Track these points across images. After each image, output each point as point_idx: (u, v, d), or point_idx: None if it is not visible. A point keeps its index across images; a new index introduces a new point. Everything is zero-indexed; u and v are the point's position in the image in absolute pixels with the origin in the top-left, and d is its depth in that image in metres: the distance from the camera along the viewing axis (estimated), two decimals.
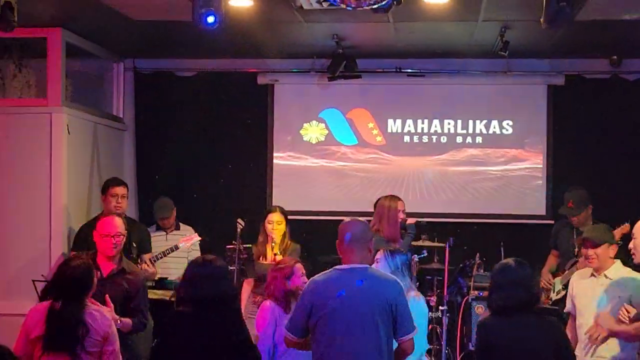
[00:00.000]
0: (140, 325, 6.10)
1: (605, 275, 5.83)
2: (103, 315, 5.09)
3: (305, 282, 5.32)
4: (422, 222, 7.68)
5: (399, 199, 7.56)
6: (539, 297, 4.96)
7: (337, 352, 4.69)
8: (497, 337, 4.83)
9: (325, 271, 4.93)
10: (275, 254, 7.19)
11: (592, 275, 5.92)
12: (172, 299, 7.68)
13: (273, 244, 7.27)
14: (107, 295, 5.69)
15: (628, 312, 5.44)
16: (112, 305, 5.67)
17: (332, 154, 9.50)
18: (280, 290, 5.73)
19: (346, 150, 9.49)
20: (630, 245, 5.55)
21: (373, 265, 5.67)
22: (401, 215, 7.40)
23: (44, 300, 5.25)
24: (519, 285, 4.80)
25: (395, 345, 4.82)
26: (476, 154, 9.37)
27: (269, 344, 5.59)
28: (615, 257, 5.93)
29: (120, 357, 5.16)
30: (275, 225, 7.34)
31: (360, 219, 5.10)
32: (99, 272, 5.64)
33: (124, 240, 6.29)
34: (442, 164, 9.39)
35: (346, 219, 5.00)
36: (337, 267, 4.89)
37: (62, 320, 4.93)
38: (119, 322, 5.66)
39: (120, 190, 7.53)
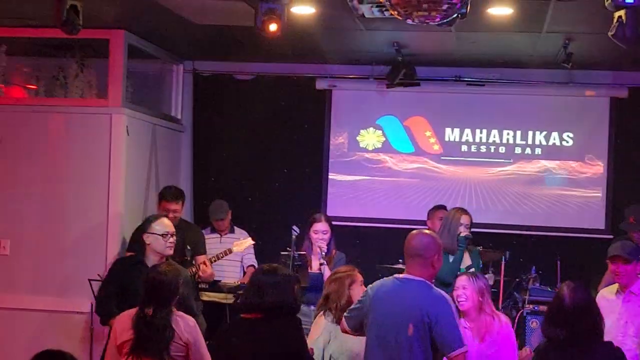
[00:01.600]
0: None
1: (631, 292, 5.73)
2: (186, 322, 5.10)
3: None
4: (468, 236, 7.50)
5: (466, 213, 7.39)
6: (594, 329, 4.67)
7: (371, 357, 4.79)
8: None
9: (387, 278, 5.02)
10: (321, 264, 7.10)
11: (618, 292, 5.81)
12: (225, 301, 7.75)
13: (322, 254, 7.08)
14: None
15: None
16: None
17: (388, 161, 9.45)
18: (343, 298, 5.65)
19: (403, 158, 9.43)
20: None
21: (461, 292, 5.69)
22: (463, 230, 7.25)
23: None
24: (569, 319, 4.55)
25: None
26: (535, 166, 9.25)
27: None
28: None
29: None
30: (321, 235, 7.17)
31: (428, 231, 5.09)
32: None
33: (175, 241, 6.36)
34: (500, 175, 9.29)
35: (415, 231, 5.00)
36: (397, 275, 4.95)
37: (151, 326, 4.96)
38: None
39: (172, 206, 7.49)
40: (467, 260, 7.25)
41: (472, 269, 7.05)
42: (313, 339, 5.58)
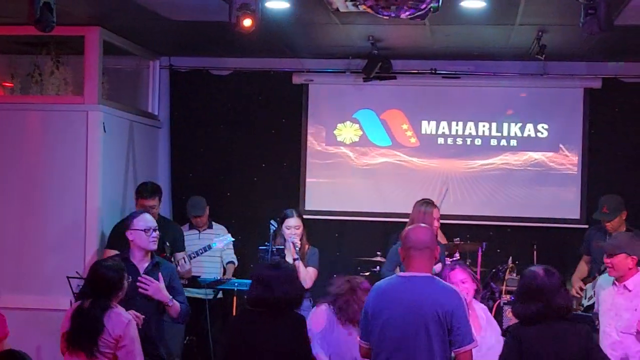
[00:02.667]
0: (185, 308, 6.24)
1: (625, 286, 5.77)
2: (120, 319, 5.14)
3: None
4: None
5: (435, 206, 7.47)
6: (566, 305, 4.80)
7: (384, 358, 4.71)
8: (527, 346, 4.75)
9: (389, 277, 4.99)
10: (295, 259, 7.14)
11: (614, 283, 5.86)
12: (204, 297, 7.77)
13: (296, 249, 7.17)
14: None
15: None
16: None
17: (366, 154, 9.49)
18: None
19: (380, 152, 9.47)
20: None
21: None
22: (435, 224, 7.29)
23: (79, 300, 5.37)
24: (545, 294, 4.70)
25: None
26: (511, 157, 9.32)
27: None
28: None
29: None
30: (294, 230, 7.27)
31: (425, 225, 5.09)
32: (130, 276, 5.67)
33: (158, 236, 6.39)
34: (476, 167, 9.35)
35: (414, 225, 5.00)
36: (400, 273, 4.93)
37: (83, 318, 5.04)
38: (170, 303, 5.94)
39: (150, 202, 7.55)
40: None
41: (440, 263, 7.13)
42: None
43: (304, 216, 7.63)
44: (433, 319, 4.61)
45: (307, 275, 7.15)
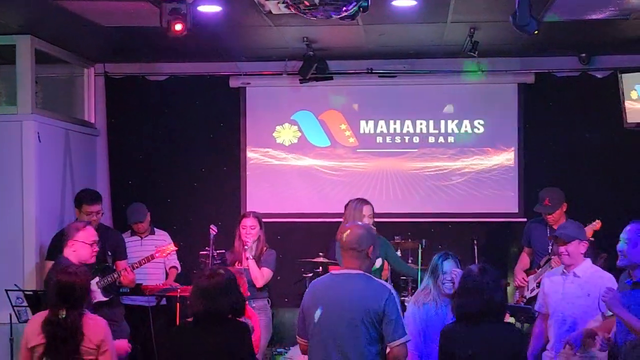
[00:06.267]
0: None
1: (575, 274, 5.89)
2: (97, 324, 5.10)
3: None
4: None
5: (366, 203, 7.46)
6: (501, 304, 4.91)
7: (318, 354, 4.77)
8: (457, 345, 4.84)
9: (323, 275, 5.07)
10: (247, 258, 7.23)
11: (563, 273, 5.97)
12: (147, 304, 7.72)
13: (245, 248, 7.31)
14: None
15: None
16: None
17: (306, 156, 9.51)
18: None
19: (319, 152, 9.50)
20: (620, 247, 5.54)
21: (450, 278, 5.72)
22: (366, 220, 7.30)
23: (40, 310, 5.27)
24: (479, 293, 4.81)
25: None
26: (449, 154, 9.41)
27: None
28: (585, 255, 5.99)
29: None
30: (249, 230, 7.39)
31: (362, 224, 5.12)
32: None
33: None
34: (415, 164, 9.41)
35: (348, 224, 5.03)
36: (333, 271, 5.00)
37: (60, 328, 4.93)
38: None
39: (94, 208, 7.49)
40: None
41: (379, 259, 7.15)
42: None
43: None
44: (362, 314, 4.67)
45: (260, 274, 7.30)
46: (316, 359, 4.80)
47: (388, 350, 4.80)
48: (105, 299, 6.92)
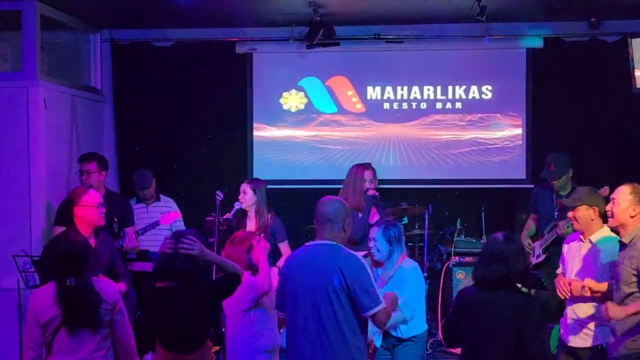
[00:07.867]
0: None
1: (590, 240, 5.85)
2: (109, 284, 5.13)
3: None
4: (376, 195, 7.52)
5: (367, 168, 7.44)
6: (522, 273, 4.88)
7: (295, 327, 4.73)
8: (469, 306, 4.88)
9: (300, 247, 4.98)
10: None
11: (580, 239, 5.94)
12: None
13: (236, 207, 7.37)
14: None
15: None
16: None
17: (312, 122, 9.48)
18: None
19: (326, 118, 9.46)
20: (607, 207, 5.53)
21: (371, 244, 5.75)
22: (367, 185, 7.28)
23: (45, 282, 5.21)
24: (503, 261, 4.80)
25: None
26: (456, 120, 9.37)
27: None
28: None
29: (129, 326, 5.17)
30: (242, 196, 7.38)
31: (337, 198, 5.10)
32: None
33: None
34: (422, 130, 9.38)
35: (324, 197, 5.00)
36: (308, 243, 4.95)
37: (78, 295, 4.91)
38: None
39: (84, 166, 7.52)
40: (375, 216, 7.29)
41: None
42: None
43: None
44: (334, 285, 4.61)
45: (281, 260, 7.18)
46: (293, 330, 4.76)
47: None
48: None
